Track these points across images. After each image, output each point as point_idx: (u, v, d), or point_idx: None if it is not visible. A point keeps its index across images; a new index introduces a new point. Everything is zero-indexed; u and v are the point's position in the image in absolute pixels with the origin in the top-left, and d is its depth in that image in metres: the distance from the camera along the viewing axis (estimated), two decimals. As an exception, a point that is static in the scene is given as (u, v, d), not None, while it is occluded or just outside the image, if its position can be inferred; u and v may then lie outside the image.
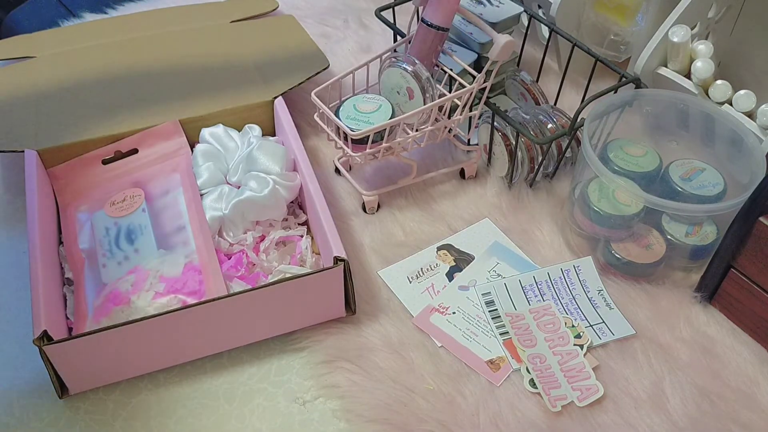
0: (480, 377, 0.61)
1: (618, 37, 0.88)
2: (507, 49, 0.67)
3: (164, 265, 0.61)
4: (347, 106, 0.70)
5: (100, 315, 0.59)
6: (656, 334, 0.65)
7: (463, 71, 0.74)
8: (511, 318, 0.65)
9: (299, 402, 0.60)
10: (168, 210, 0.67)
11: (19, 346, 0.63)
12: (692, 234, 0.67)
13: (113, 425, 0.58)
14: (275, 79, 0.80)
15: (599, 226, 0.68)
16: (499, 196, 0.77)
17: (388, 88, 0.72)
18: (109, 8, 1.03)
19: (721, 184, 0.68)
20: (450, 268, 0.70)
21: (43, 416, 0.59)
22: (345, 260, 0.60)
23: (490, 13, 0.82)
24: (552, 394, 0.59)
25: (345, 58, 0.95)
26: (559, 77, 0.83)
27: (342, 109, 0.70)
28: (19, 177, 0.76)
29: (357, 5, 1.05)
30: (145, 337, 0.57)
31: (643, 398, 0.60)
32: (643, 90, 0.72)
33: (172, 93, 0.78)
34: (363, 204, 0.75)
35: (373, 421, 0.58)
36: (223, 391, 0.60)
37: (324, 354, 0.62)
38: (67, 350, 0.55)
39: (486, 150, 0.78)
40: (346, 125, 0.68)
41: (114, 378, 0.60)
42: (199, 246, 0.63)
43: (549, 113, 0.75)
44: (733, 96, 0.70)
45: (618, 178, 0.64)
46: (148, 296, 0.59)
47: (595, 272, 0.69)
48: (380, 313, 0.66)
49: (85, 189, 0.71)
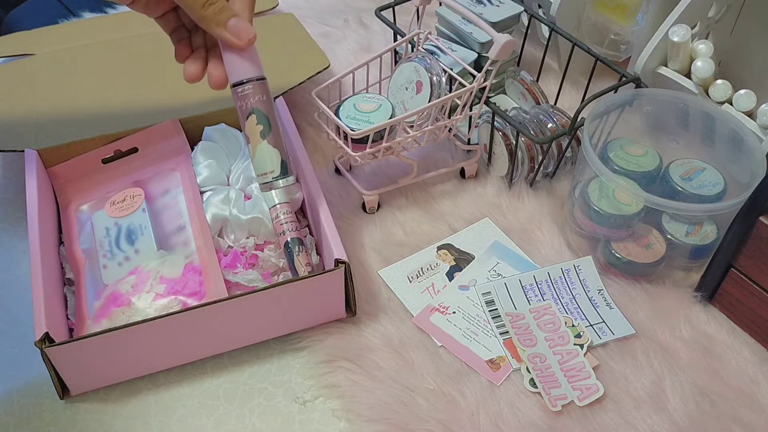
0: (480, 377, 0.61)
1: (618, 37, 0.88)
2: (507, 49, 0.67)
3: (164, 266, 0.61)
4: (347, 106, 0.70)
5: (101, 316, 0.59)
6: (656, 334, 0.65)
7: (463, 71, 0.74)
8: (512, 317, 0.65)
9: (299, 402, 0.60)
10: (168, 210, 0.67)
11: (20, 345, 0.63)
12: (692, 233, 0.67)
13: (113, 425, 0.58)
14: (275, 78, 0.80)
15: (599, 225, 0.68)
16: (499, 196, 0.77)
17: (398, 85, 0.72)
18: (109, 8, 1.03)
19: (721, 183, 0.68)
20: (450, 267, 0.70)
21: (44, 416, 0.59)
22: (346, 263, 0.60)
23: (490, 12, 0.82)
24: (552, 393, 0.60)
25: (345, 57, 0.95)
26: (559, 77, 0.83)
27: (342, 109, 0.70)
28: (19, 177, 0.77)
29: (357, 5, 1.05)
30: (146, 339, 0.57)
31: (643, 398, 0.60)
32: (643, 89, 0.72)
33: (172, 92, 0.78)
34: (363, 203, 0.75)
35: (373, 421, 0.58)
36: (223, 391, 0.60)
37: (324, 354, 0.62)
38: (68, 352, 0.55)
39: (486, 149, 0.78)
40: (346, 125, 0.68)
41: (115, 379, 0.60)
42: (199, 246, 0.63)
43: (549, 113, 0.75)
44: (733, 95, 0.70)
45: (618, 178, 0.64)
46: (149, 297, 0.59)
47: (596, 272, 0.69)
48: (380, 312, 0.66)
49: (85, 188, 0.71)
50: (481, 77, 0.69)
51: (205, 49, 0.60)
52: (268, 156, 0.57)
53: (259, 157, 0.57)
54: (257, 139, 0.57)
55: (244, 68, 0.57)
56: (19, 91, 0.78)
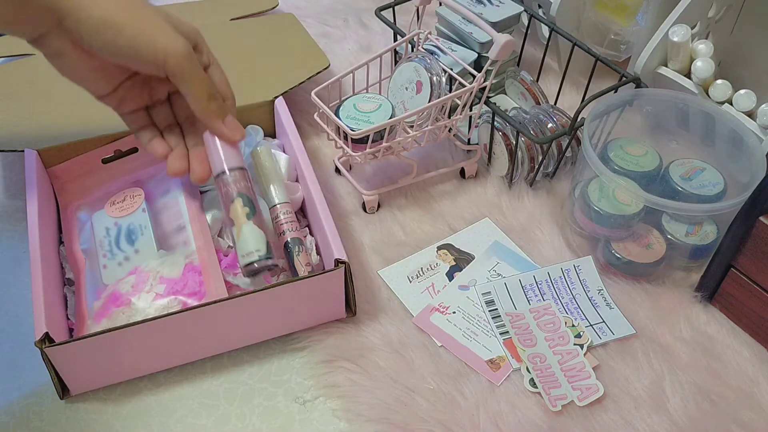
0: (480, 377, 0.61)
1: (618, 37, 0.88)
2: (507, 49, 0.67)
3: (164, 266, 0.61)
4: (347, 106, 0.70)
5: (101, 316, 0.59)
6: (656, 334, 0.65)
7: (463, 71, 0.74)
8: (512, 317, 0.65)
9: (299, 401, 0.60)
10: (168, 209, 0.67)
11: (20, 345, 0.63)
12: (692, 233, 0.67)
13: (113, 425, 0.58)
14: (275, 78, 0.80)
15: (599, 225, 0.68)
16: (499, 196, 0.77)
17: (398, 85, 0.72)
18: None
19: (721, 183, 0.68)
20: (450, 267, 0.70)
21: (44, 415, 0.59)
22: (346, 263, 0.60)
23: (490, 12, 0.82)
24: (552, 393, 0.60)
25: (345, 57, 0.95)
26: (559, 77, 0.83)
27: (342, 109, 0.70)
28: (19, 177, 0.77)
29: (357, 5, 1.06)
30: (146, 340, 0.57)
31: (643, 398, 0.60)
32: (643, 89, 0.72)
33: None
34: (363, 203, 0.75)
35: (373, 421, 0.58)
36: (224, 391, 0.61)
37: (324, 354, 0.63)
38: (68, 352, 0.55)
39: (486, 149, 0.78)
40: (346, 125, 0.68)
41: (116, 379, 0.60)
42: (199, 246, 0.63)
43: (549, 113, 0.75)
44: (733, 95, 0.70)
45: (618, 178, 0.64)
46: (149, 297, 0.59)
47: (596, 272, 0.69)
48: (380, 312, 0.66)
49: (85, 188, 0.71)
50: (481, 77, 0.69)
51: (186, 147, 0.62)
52: (253, 237, 0.59)
53: (244, 239, 0.59)
54: (243, 220, 0.59)
55: (230, 159, 0.60)
56: (19, 91, 0.78)
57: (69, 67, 0.55)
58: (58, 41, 0.53)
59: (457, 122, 0.73)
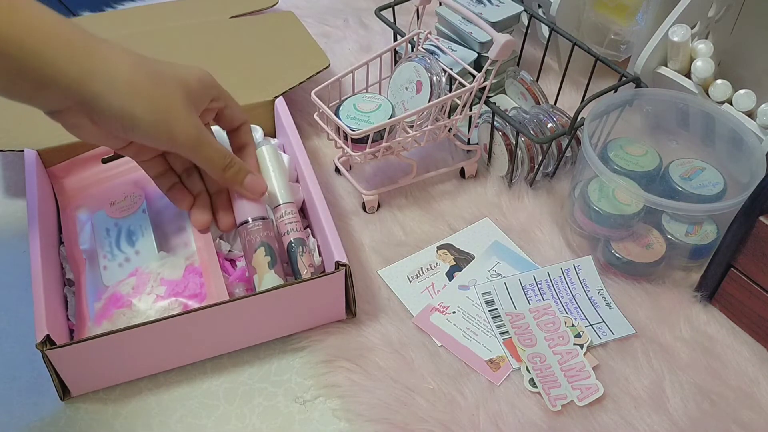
0: (480, 377, 0.61)
1: (618, 37, 0.88)
2: (507, 49, 0.67)
3: (165, 268, 0.61)
4: (347, 106, 0.70)
5: (102, 317, 0.59)
6: (656, 334, 0.65)
7: (463, 70, 0.74)
8: (511, 317, 0.65)
9: (299, 401, 0.60)
10: (168, 210, 0.66)
11: (20, 345, 0.63)
12: (692, 233, 0.67)
13: (113, 425, 0.58)
14: (275, 78, 0.80)
15: (599, 225, 0.68)
16: (499, 196, 0.77)
17: (398, 85, 0.72)
18: (109, 7, 1.02)
19: (721, 183, 0.68)
20: (450, 267, 0.70)
21: (44, 415, 0.59)
22: (347, 265, 0.60)
23: (490, 12, 0.82)
24: (552, 393, 0.60)
25: (345, 57, 0.95)
26: (559, 77, 0.83)
27: (342, 109, 0.70)
28: (19, 177, 0.77)
29: (357, 5, 1.05)
30: (147, 342, 0.57)
31: (643, 398, 0.60)
32: (643, 89, 0.72)
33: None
34: (363, 203, 0.75)
35: (373, 421, 0.58)
36: (224, 391, 0.61)
37: (324, 353, 0.63)
38: (69, 354, 0.55)
39: (486, 149, 0.78)
40: (346, 125, 0.68)
41: (116, 380, 0.60)
42: (200, 247, 0.63)
43: (549, 113, 0.75)
44: (733, 95, 0.70)
45: (618, 178, 0.64)
46: (150, 299, 0.59)
47: (595, 272, 0.69)
48: (380, 312, 0.66)
49: (85, 188, 0.71)
50: (481, 77, 0.69)
51: (207, 193, 0.64)
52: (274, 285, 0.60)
53: (266, 286, 0.60)
54: (265, 269, 0.60)
55: (254, 210, 0.62)
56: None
57: (85, 134, 0.55)
58: (75, 118, 0.53)
59: (457, 122, 0.73)
